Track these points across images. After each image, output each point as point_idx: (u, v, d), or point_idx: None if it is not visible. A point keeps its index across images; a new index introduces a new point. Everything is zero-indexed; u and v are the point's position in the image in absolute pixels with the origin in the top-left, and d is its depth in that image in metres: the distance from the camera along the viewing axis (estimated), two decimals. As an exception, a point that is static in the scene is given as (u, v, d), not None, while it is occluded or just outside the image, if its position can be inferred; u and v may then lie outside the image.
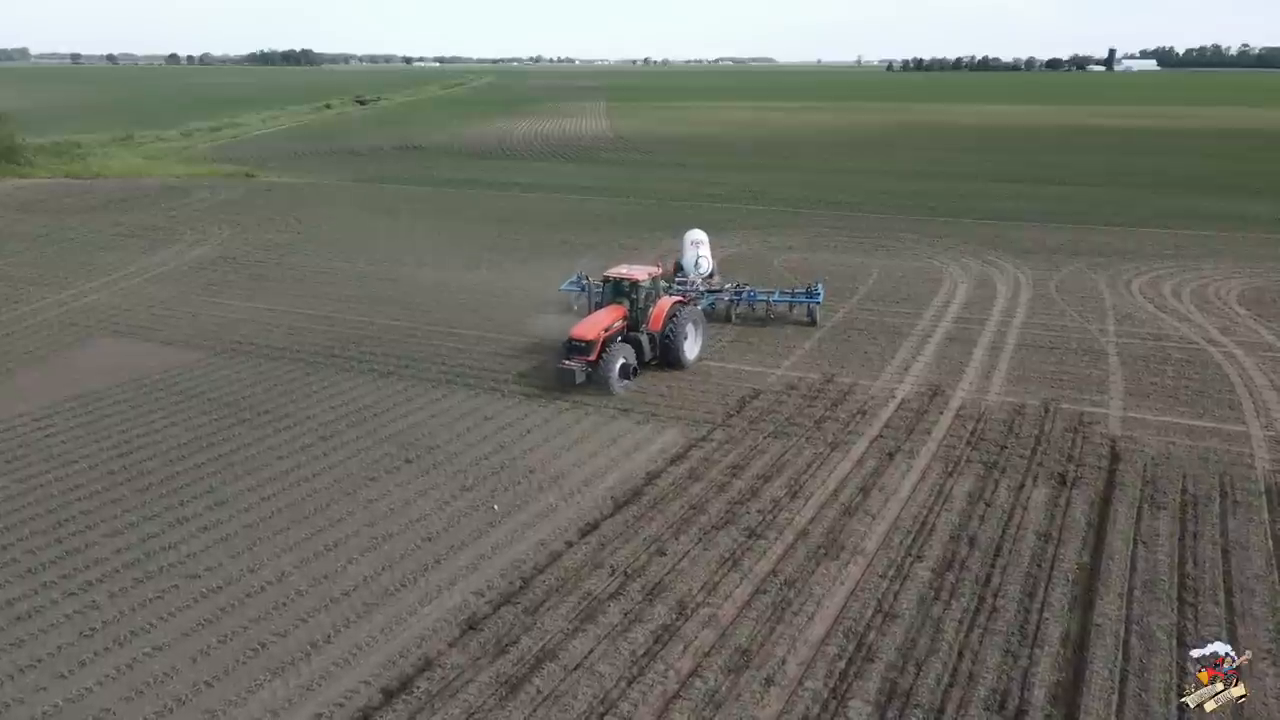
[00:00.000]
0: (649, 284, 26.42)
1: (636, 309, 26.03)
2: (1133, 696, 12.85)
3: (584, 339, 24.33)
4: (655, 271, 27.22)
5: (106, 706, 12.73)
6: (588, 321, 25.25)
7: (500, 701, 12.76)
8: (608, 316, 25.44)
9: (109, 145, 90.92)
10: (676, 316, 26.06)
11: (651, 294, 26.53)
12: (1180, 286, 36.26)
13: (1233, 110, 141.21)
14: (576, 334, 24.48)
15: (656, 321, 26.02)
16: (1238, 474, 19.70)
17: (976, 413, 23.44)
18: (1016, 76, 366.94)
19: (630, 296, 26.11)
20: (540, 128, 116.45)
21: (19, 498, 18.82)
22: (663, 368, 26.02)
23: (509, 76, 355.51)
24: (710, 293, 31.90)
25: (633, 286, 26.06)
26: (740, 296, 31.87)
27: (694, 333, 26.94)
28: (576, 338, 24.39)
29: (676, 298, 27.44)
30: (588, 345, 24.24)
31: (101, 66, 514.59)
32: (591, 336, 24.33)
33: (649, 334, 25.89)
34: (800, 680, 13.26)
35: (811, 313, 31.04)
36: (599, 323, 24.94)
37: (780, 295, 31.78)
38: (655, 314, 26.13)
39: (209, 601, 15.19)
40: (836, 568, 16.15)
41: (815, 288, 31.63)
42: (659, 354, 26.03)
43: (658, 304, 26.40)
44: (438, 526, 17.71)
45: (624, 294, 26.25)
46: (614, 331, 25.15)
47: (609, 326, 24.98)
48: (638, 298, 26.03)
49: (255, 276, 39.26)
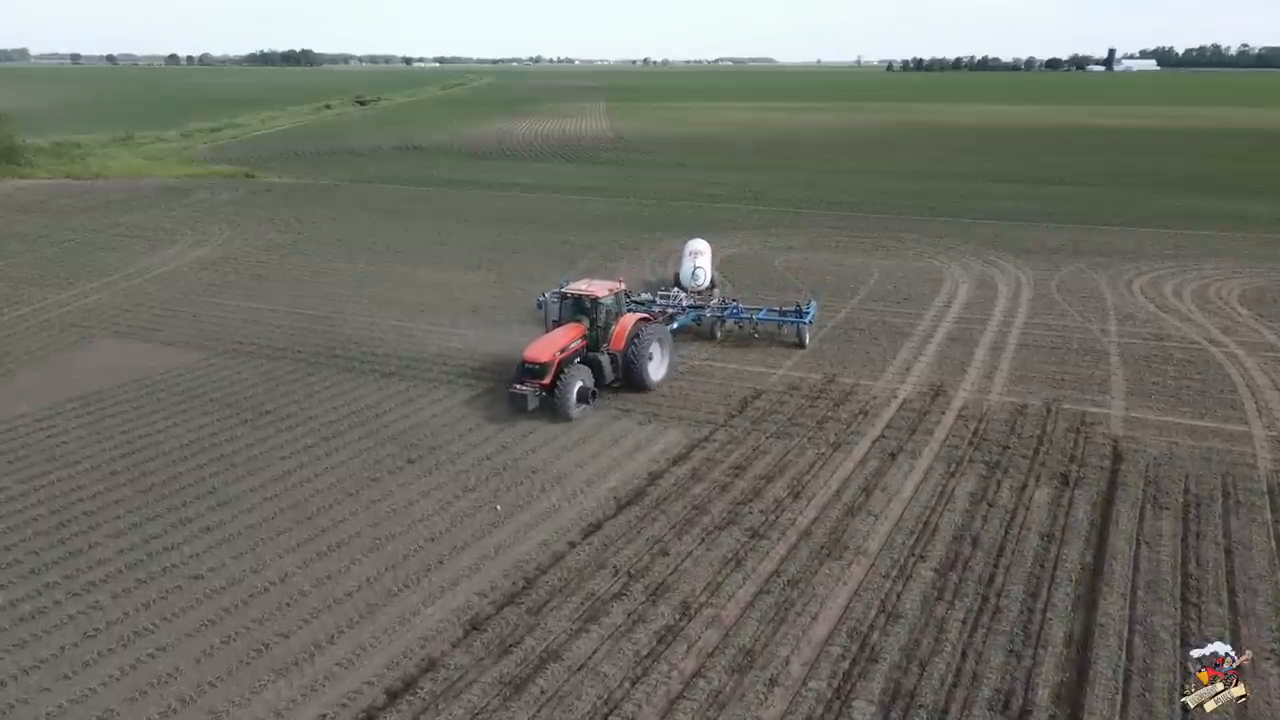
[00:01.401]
0: (610, 301, 24.67)
1: (597, 327, 24.38)
2: (1136, 697, 12.86)
3: (537, 361, 22.76)
4: (617, 287, 25.36)
5: (110, 707, 12.73)
6: (542, 342, 23.67)
7: (504, 702, 12.76)
8: (565, 336, 23.85)
9: (109, 146, 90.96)
10: (639, 335, 24.36)
11: (613, 311, 24.84)
12: (1181, 286, 36.27)
13: (1233, 110, 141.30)
14: (529, 356, 22.96)
15: (618, 340, 24.33)
16: (1240, 474, 19.71)
17: (978, 413, 23.45)
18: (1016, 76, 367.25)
19: (590, 314, 24.42)
20: (540, 128, 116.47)
21: (21, 498, 18.81)
22: (625, 390, 24.49)
23: (509, 77, 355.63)
24: (693, 308, 30.43)
25: (593, 304, 24.32)
26: (725, 313, 30.19)
27: (659, 352, 25.29)
28: (529, 360, 22.86)
29: (640, 315, 25.74)
30: (541, 368, 22.70)
31: (101, 67, 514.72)
32: (545, 359, 22.77)
33: (610, 354, 24.21)
34: (804, 681, 13.25)
35: (800, 334, 28.91)
36: (554, 343, 23.41)
37: (767, 313, 29.83)
38: (617, 332, 24.46)
39: (212, 602, 15.18)
40: (839, 568, 16.15)
41: (806, 306, 29.83)
42: (621, 375, 24.36)
43: (620, 321, 24.74)
44: (440, 527, 17.71)
45: (583, 312, 24.53)
46: (572, 352, 23.61)
47: (565, 347, 23.44)
48: (598, 315, 24.35)
49: (256, 277, 39.26)
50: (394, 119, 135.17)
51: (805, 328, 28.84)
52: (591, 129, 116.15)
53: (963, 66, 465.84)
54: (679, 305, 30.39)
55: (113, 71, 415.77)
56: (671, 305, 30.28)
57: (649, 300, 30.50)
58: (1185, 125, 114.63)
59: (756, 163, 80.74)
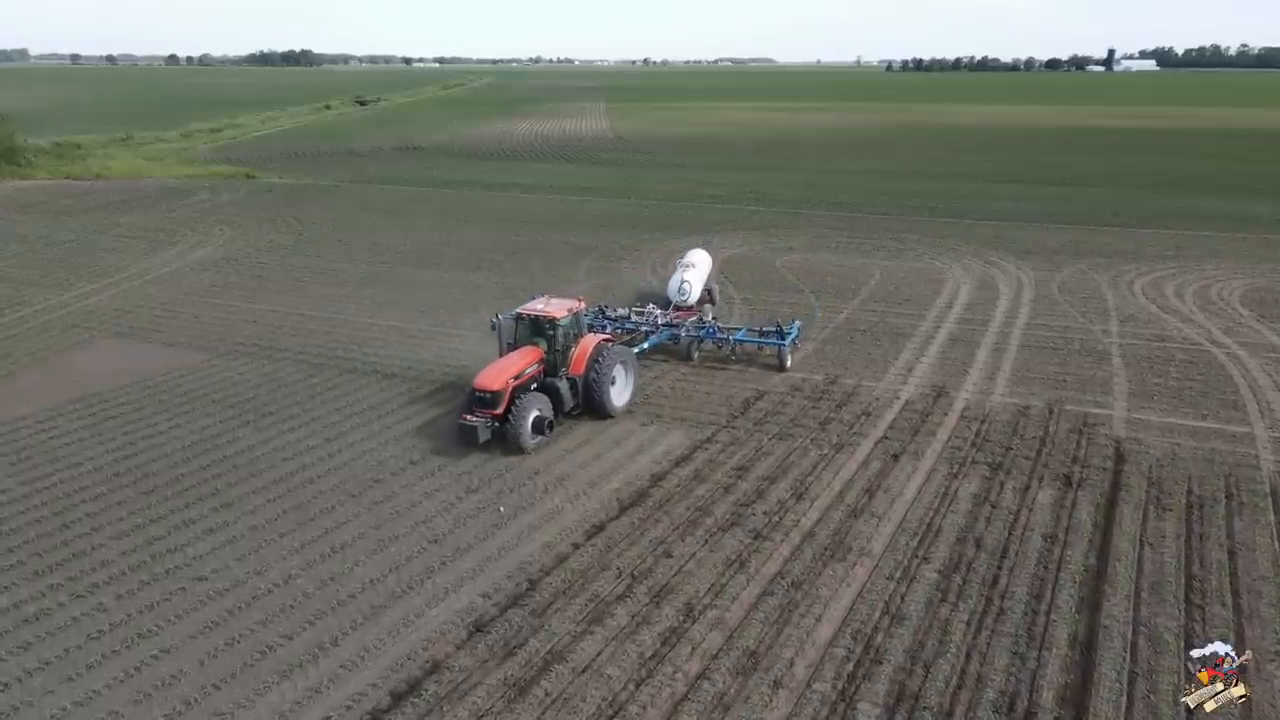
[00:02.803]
0: (569, 321, 22.94)
1: (554, 351, 22.66)
2: (1141, 698, 12.87)
3: (488, 390, 21.00)
4: (577, 306, 23.50)
5: (114, 709, 12.73)
6: (494, 368, 21.76)
7: (508, 704, 12.76)
8: (520, 361, 22.09)
9: (109, 146, 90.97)
10: (601, 358, 22.73)
11: (572, 333, 23.16)
12: (1182, 287, 36.28)
13: (1232, 110, 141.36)
14: (479, 383, 21.22)
15: (578, 364, 22.75)
16: (1243, 475, 19.72)
17: (981, 414, 23.45)
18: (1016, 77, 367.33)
19: (547, 336, 22.66)
20: (540, 128, 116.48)
21: (24, 500, 18.81)
22: (586, 417, 23.02)
23: (508, 77, 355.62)
24: (668, 327, 28.55)
25: (550, 325, 22.55)
26: (701, 333, 28.22)
27: (624, 375, 23.70)
28: (479, 388, 21.13)
29: (602, 336, 24.09)
30: (493, 397, 20.96)
31: (101, 67, 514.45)
32: (497, 386, 21.01)
33: (570, 379, 22.65)
34: (808, 682, 13.26)
35: (780, 357, 26.92)
36: (507, 369, 21.60)
37: (746, 334, 27.97)
38: (577, 355, 22.87)
39: (216, 604, 15.19)
40: (843, 569, 16.16)
41: (789, 326, 27.87)
42: (581, 401, 22.90)
43: (580, 344, 23.12)
44: (444, 528, 17.72)
45: (540, 334, 22.77)
46: (527, 378, 21.96)
47: (520, 373, 21.71)
48: (556, 338, 22.61)
49: (257, 277, 39.25)
50: (394, 119, 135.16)
51: (786, 350, 26.93)
52: (591, 129, 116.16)
53: (962, 67, 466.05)
54: (654, 323, 28.69)
55: (112, 72, 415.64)
56: (646, 323, 28.66)
57: (624, 316, 29.19)
58: (1185, 125, 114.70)
59: (756, 163, 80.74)
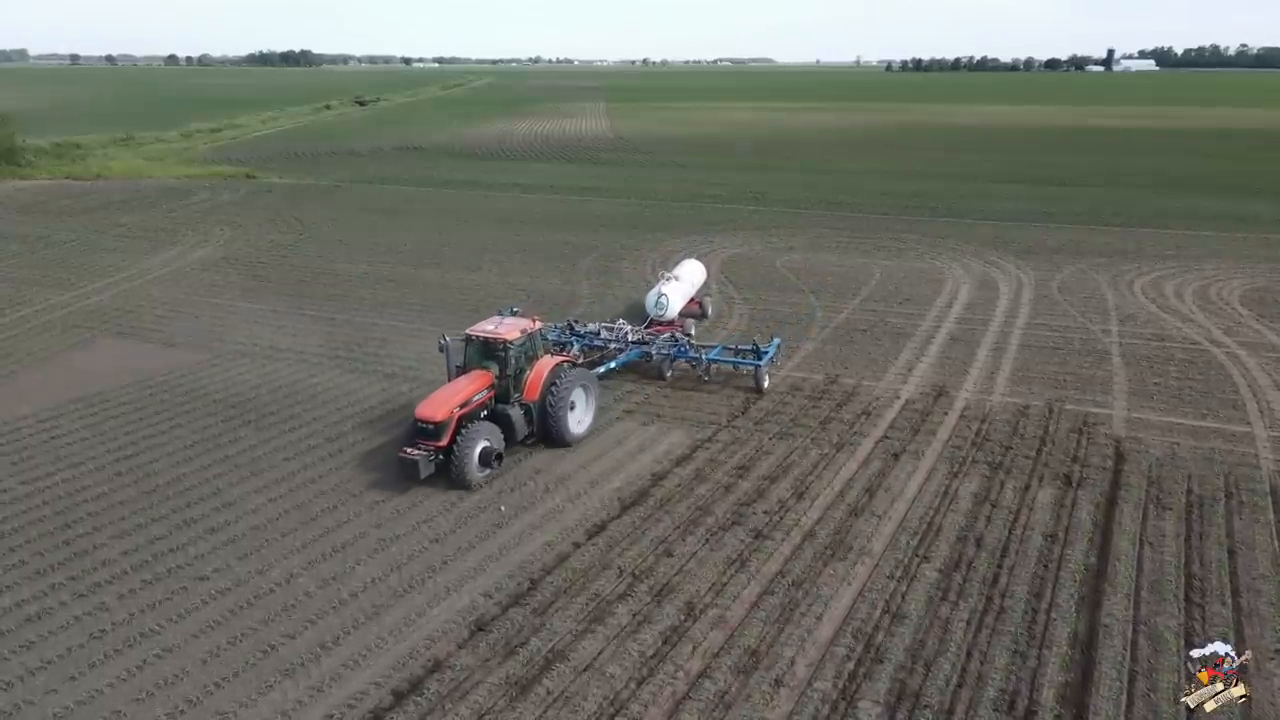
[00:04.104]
0: (522, 343, 21.17)
1: (506, 375, 20.92)
2: (1141, 697, 12.89)
3: (430, 420, 19.31)
4: (532, 327, 21.62)
5: (117, 708, 12.76)
6: (438, 396, 20.10)
7: (510, 703, 12.79)
8: (467, 387, 20.36)
9: (109, 146, 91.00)
10: (558, 382, 21.13)
11: (527, 355, 21.49)
12: (1182, 287, 36.31)
13: (1232, 110, 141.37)
14: (421, 413, 19.55)
15: (533, 389, 21.13)
16: (1243, 474, 19.75)
17: (981, 414, 23.48)
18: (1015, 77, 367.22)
19: (499, 359, 20.94)
20: (540, 128, 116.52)
21: (25, 499, 18.84)
22: (542, 445, 21.45)
23: (508, 77, 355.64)
24: (638, 345, 26.64)
25: (502, 347, 20.77)
26: (673, 352, 26.24)
27: (584, 400, 22.10)
28: (422, 419, 19.46)
29: (560, 358, 22.40)
30: (436, 428, 19.27)
31: (100, 67, 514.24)
32: (440, 416, 19.32)
33: (524, 405, 21.07)
34: (809, 681, 13.29)
35: (758, 379, 25.05)
36: (452, 397, 19.90)
37: (720, 353, 26.22)
38: (531, 380, 21.25)
39: (218, 603, 15.22)
40: (844, 569, 16.19)
41: (768, 345, 26.21)
42: (536, 429, 21.31)
43: (535, 367, 21.46)
44: (445, 528, 17.75)
45: (492, 357, 21.06)
46: (475, 406, 20.25)
47: (467, 401, 19.99)
48: (508, 361, 20.84)
49: (257, 277, 39.27)
50: (394, 119, 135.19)
51: (764, 370, 25.16)
52: (591, 129, 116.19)
53: (962, 67, 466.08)
54: (623, 340, 26.90)
55: (112, 72, 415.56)
56: (616, 340, 26.93)
57: (593, 333, 27.51)
58: (1185, 125, 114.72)
59: (756, 163, 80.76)
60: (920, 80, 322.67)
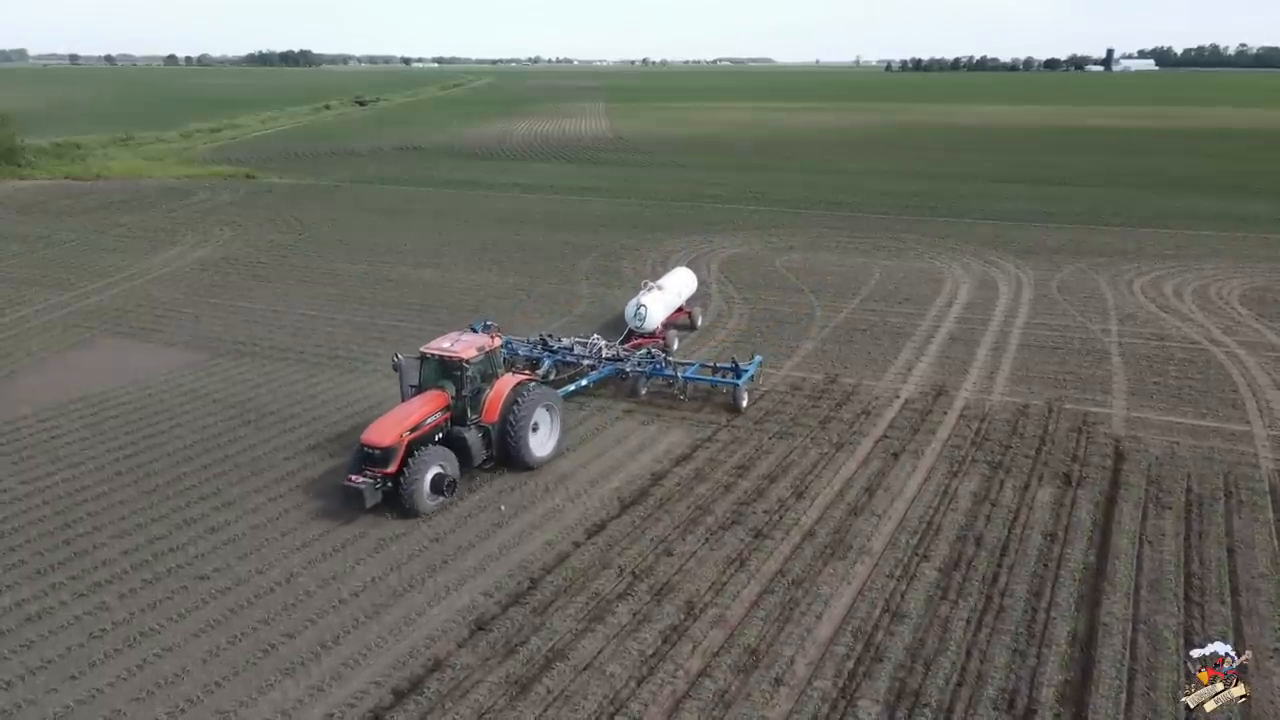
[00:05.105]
0: (480, 362, 19.87)
1: (462, 396, 19.66)
2: (1140, 695, 12.91)
3: (377, 445, 18.12)
4: (491, 344, 20.32)
5: (117, 708, 12.76)
6: (387, 420, 18.90)
7: (510, 701, 12.80)
8: (420, 409, 19.08)
9: (109, 146, 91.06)
10: (519, 402, 19.85)
11: (485, 374, 20.20)
12: (1182, 286, 36.33)
13: (1232, 110, 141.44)
14: (369, 439, 18.33)
15: (491, 410, 19.84)
16: (1242, 473, 19.78)
17: (980, 413, 23.50)
18: (1015, 77, 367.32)
19: (455, 379, 19.67)
20: (540, 128, 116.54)
21: (26, 499, 18.85)
22: (503, 469, 20.16)
23: (508, 77, 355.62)
24: (611, 362, 25.40)
25: (458, 366, 19.48)
26: (649, 370, 24.93)
27: (547, 421, 20.80)
28: (369, 444, 18.24)
29: (521, 376, 21.10)
30: (383, 453, 18.10)
31: (100, 67, 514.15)
32: (387, 441, 18.11)
33: (482, 427, 19.79)
34: (809, 680, 13.30)
35: (735, 398, 23.78)
36: (402, 420, 18.66)
37: (697, 371, 24.95)
38: (490, 400, 19.96)
39: (218, 603, 15.22)
40: (843, 568, 16.20)
41: (748, 364, 24.99)
42: (496, 452, 20.03)
43: (494, 386, 20.19)
44: (445, 527, 17.76)
45: (448, 376, 19.79)
46: (428, 429, 18.97)
47: (418, 424, 18.76)
48: (464, 380, 19.55)
49: (257, 277, 39.29)
50: (394, 119, 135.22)
51: (742, 389, 23.88)
52: (591, 129, 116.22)
53: (961, 67, 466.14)
54: (597, 356, 25.71)
55: (111, 72, 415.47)
56: (589, 356, 25.76)
57: (566, 349, 26.35)
58: (1184, 125, 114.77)
59: (756, 163, 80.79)
60: (920, 80, 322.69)
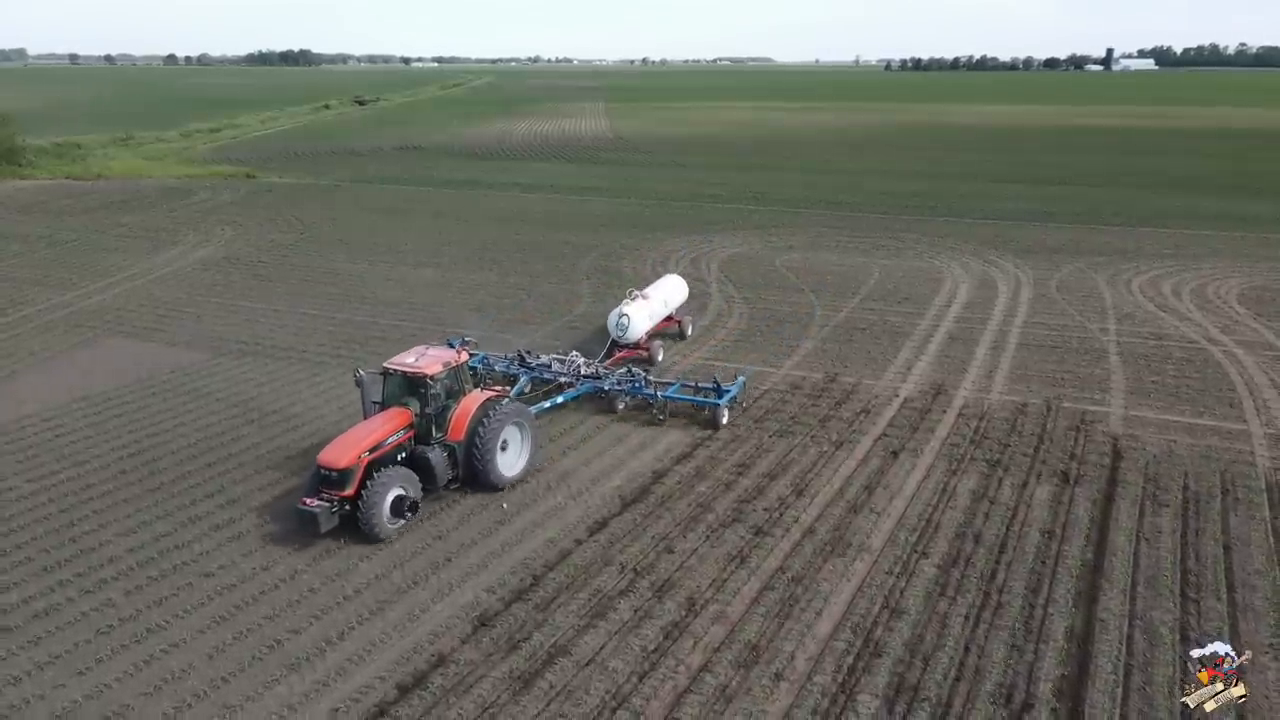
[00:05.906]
0: (446, 377, 18.92)
1: (427, 414, 18.72)
2: (1137, 691, 13.04)
3: (334, 467, 17.24)
4: (458, 359, 19.40)
5: (125, 702, 12.89)
6: (344, 440, 17.97)
7: (513, 697, 12.93)
8: (380, 428, 18.17)
9: (109, 146, 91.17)
10: (487, 420, 18.94)
11: (451, 391, 19.23)
12: (1180, 286, 36.46)
13: (1232, 110, 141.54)
14: (325, 460, 17.43)
15: (458, 428, 18.92)
16: (1239, 471, 19.91)
17: (979, 411, 23.63)
18: (1014, 76, 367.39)
19: (419, 396, 18.77)
20: (540, 128, 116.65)
21: (31, 497, 18.98)
22: (470, 489, 19.26)
23: (507, 77, 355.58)
24: (589, 379, 24.45)
25: (422, 383, 18.53)
26: (629, 388, 23.93)
27: (518, 439, 19.93)
28: (325, 465, 17.37)
29: (490, 393, 20.03)
30: (340, 475, 17.20)
31: (99, 67, 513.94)
32: (344, 463, 17.22)
33: (447, 446, 18.88)
34: (809, 675, 13.43)
35: (715, 417, 22.83)
36: (361, 440, 17.76)
37: (677, 391, 23.88)
38: (457, 417, 19.02)
39: (223, 599, 15.35)
40: (843, 564, 16.33)
41: (731, 384, 23.94)
42: (462, 472, 19.11)
43: (461, 404, 19.24)
44: (448, 524, 17.90)
45: (412, 393, 18.91)
46: (389, 449, 18.09)
47: (378, 445, 17.85)
48: (429, 397, 18.59)
49: (258, 277, 39.41)
50: (393, 119, 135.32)
51: (722, 409, 22.90)
52: (591, 129, 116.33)
53: (961, 66, 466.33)
54: (575, 373, 24.79)
55: (111, 72, 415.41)
56: (567, 374, 24.81)
57: (544, 365, 25.40)
58: (1184, 125, 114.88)
59: (756, 163, 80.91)
60: (920, 80, 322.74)
